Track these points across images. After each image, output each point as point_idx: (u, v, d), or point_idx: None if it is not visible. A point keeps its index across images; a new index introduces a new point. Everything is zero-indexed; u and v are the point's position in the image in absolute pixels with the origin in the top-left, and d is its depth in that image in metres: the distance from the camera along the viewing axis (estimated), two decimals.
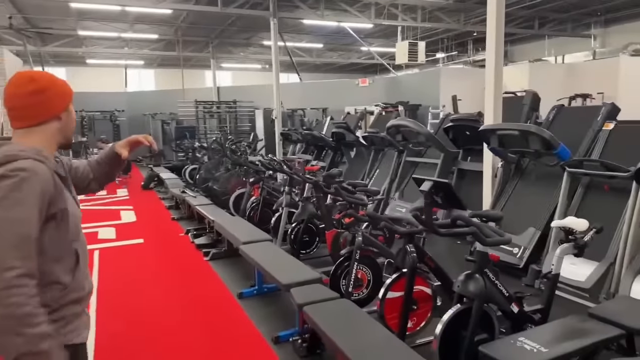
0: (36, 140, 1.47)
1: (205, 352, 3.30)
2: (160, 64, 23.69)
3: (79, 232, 1.55)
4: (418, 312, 3.15)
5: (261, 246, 4.33)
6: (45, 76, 1.51)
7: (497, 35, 5.27)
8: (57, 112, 1.51)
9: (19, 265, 1.26)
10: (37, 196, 1.34)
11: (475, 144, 6.05)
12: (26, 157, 1.38)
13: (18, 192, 1.31)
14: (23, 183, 1.32)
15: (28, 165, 1.36)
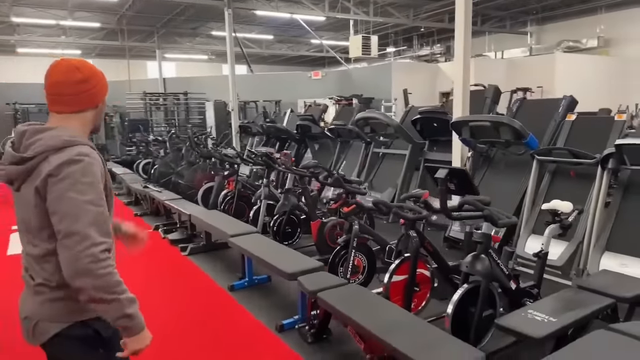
0: (75, 126, 1.53)
1: (212, 346, 3.29)
2: (98, 53, 22.52)
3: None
4: (419, 293, 3.33)
5: (251, 238, 4.34)
6: (87, 65, 1.57)
7: (465, 33, 5.56)
8: (97, 102, 1.59)
9: (102, 241, 1.38)
10: (100, 178, 1.45)
11: (442, 135, 6.36)
12: (82, 143, 1.47)
13: (88, 176, 1.41)
14: (89, 167, 1.42)
15: (87, 150, 1.46)
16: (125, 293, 1.40)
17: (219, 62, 26.00)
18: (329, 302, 2.83)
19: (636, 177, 3.98)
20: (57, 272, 1.41)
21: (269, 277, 4.47)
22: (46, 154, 1.41)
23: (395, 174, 6.87)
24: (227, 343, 3.33)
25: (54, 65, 1.54)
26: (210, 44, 20.79)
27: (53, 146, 1.42)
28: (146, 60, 24.04)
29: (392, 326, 2.48)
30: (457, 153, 5.70)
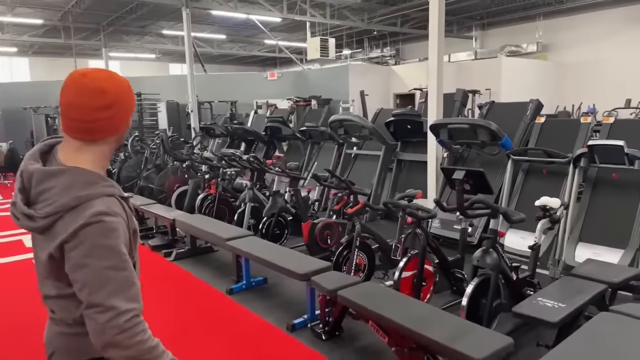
0: (91, 159, 1.31)
1: (229, 350, 3.32)
2: (36, 52, 21.25)
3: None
4: (425, 287, 3.53)
5: (248, 241, 4.38)
6: (114, 85, 1.31)
7: (439, 37, 5.85)
8: (120, 129, 1.36)
9: (128, 309, 1.24)
10: (123, 237, 1.29)
11: (415, 136, 6.66)
12: (99, 195, 1.26)
13: (108, 238, 1.24)
14: (109, 228, 1.24)
15: (105, 207, 1.26)
16: (163, 355, 1.29)
17: (166, 61, 25.31)
18: (351, 299, 2.96)
19: (604, 174, 4.41)
20: (73, 311, 1.31)
21: (265, 279, 4.53)
22: (60, 214, 1.24)
23: (369, 174, 7.08)
24: (244, 345, 3.37)
25: (74, 79, 1.30)
26: (159, 43, 20.20)
27: (66, 205, 1.24)
28: (88, 59, 22.97)
29: (419, 318, 2.64)
30: (432, 153, 5.99)
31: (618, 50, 14.21)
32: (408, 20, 16.38)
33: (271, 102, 15.68)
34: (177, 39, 19.33)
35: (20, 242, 6.20)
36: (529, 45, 16.41)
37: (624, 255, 4.01)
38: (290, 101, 13.96)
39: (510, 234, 4.76)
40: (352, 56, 21.52)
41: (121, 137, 1.39)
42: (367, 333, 3.40)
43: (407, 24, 16.46)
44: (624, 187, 4.29)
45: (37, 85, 18.34)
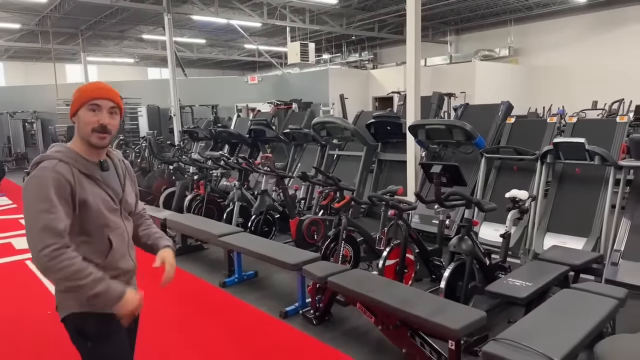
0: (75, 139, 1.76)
1: (227, 336, 3.55)
2: (11, 56, 21.00)
3: (112, 221, 1.76)
4: (406, 274, 3.82)
5: (239, 237, 4.61)
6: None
7: (416, 42, 6.19)
8: (71, 114, 1.75)
9: (52, 242, 1.56)
10: (54, 190, 1.60)
11: (394, 137, 6.99)
12: (52, 157, 1.66)
13: (39, 187, 1.60)
14: (43, 181, 1.60)
15: (49, 165, 1.63)
16: (88, 277, 1.58)
17: (144, 65, 25.27)
18: (340, 284, 3.23)
19: (568, 170, 4.80)
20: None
21: (256, 273, 4.77)
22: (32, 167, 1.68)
23: (351, 174, 7.37)
24: (241, 332, 3.60)
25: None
26: (138, 47, 20.22)
27: (34, 161, 1.69)
28: (66, 64, 22.78)
29: (402, 298, 2.93)
30: (411, 153, 6.32)
31: (585, 54, 14.91)
32: (385, 26, 16.84)
33: (251, 105, 15.91)
34: (157, 43, 19.39)
35: (10, 244, 6.28)
36: (502, 49, 17.04)
37: (587, 242, 4.39)
38: (272, 105, 14.21)
39: (484, 227, 5.11)
40: (331, 60, 21.88)
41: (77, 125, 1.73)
42: (354, 318, 3.68)
43: (385, 29, 16.92)
44: (586, 181, 4.67)
45: (14, 90, 18.14)
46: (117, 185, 1.82)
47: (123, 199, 1.82)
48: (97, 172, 1.74)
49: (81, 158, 1.71)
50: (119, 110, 1.78)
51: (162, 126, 14.78)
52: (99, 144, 1.73)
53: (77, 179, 1.66)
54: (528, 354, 2.13)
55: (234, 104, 15.91)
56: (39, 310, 3.98)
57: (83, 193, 1.66)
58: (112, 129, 1.75)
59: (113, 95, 1.75)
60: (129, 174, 1.94)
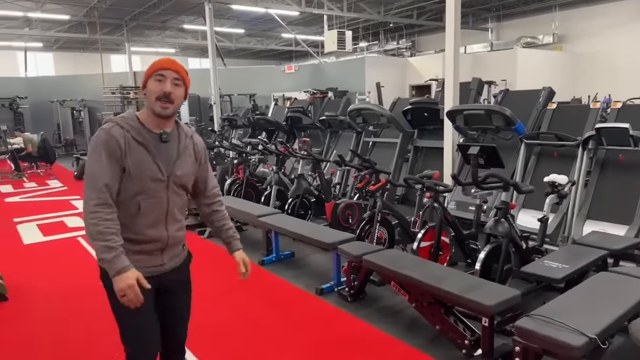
0: (144, 108, 1.90)
1: (265, 309, 3.71)
2: (60, 47, 21.92)
3: (151, 189, 1.84)
4: (441, 257, 3.87)
5: (277, 218, 4.76)
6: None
7: (456, 26, 6.11)
8: (142, 85, 1.91)
9: (95, 197, 1.73)
10: (104, 150, 1.77)
11: (431, 124, 6.97)
12: (112, 121, 1.84)
13: (94, 146, 1.79)
14: (98, 140, 1.79)
15: (107, 127, 1.81)
16: (103, 241, 1.70)
17: (185, 55, 25.83)
18: (375, 262, 3.32)
19: (611, 156, 4.68)
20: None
21: (293, 253, 4.91)
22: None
23: (386, 160, 7.39)
24: (279, 307, 3.76)
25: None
26: (179, 38, 20.69)
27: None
28: (110, 54, 23.59)
29: (437, 276, 2.99)
30: (448, 139, 6.29)
31: (633, 41, 14.25)
32: (424, 13, 16.58)
33: (287, 95, 16.08)
34: (197, 33, 19.79)
35: (63, 223, 6.68)
36: (545, 36, 16.49)
37: (629, 230, 4.29)
38: (308, 93, 14.32)
39: (522, 213, 5.06)
40: (368, 49, 21.73)
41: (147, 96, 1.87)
42: (387, 297, 3.77)
43: (423, 16, 16.66)
44: (629, 167, 4.55)
45: (63, 79, 18.98)
46: (171, 158, 1.88)
47: (172, 173, 1.88)
48: (152, 141, 1.84)
49: (140, 126, 1.84)
50: (184, 82, 1.88)
51: (202, 114, 15.15)
52: (162, 113, 1.83)
53: (129, 143, 1.78)
54: (561, 330, 2.16)
55: (270, 93, 16.12)
56: (90, 283, 4.26)
57: (130, 157, 1.78)
58: (176, 99, 1.85)
59: (177, 67, 1.87)
60: (194, 152, 1.99)
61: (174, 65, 1.87)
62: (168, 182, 1.88)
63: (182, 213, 2.00)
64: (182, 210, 2.00)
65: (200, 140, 2.05)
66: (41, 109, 17.47)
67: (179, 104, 1.89)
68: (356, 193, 5.09)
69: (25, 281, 4.42)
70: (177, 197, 1.94)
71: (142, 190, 1.83)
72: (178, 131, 1.96)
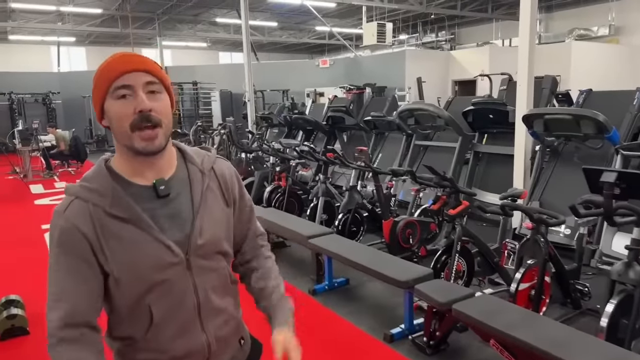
0: (116, 150, 1.17)
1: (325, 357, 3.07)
2: (92, 41, 21.81)
3: (161, 282, 1.13)
4: (542, 301, 3.15)
5: (331, 240, 4.12)
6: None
7: (531, 18, 5.33)
8: (97, 112, 1.13)
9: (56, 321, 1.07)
10: (62, 252, 1.08)
11: (496, 127, 6.19)
12: (69, 192, 1.12)
13: (50, 242, 1.11)
14: (51, 232, 1.10)
15: (60, 206, 1.11)
16: None
17: (216, 49, 25.44)
18: (469, 314, 2.63)
19: None
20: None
21: (348, 280, 4.26)
22: None
23: (441, 166, 6.61)
24: (342, 354, 3.12)
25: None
26: (211, 31, 20.24)
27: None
28: (142, 48, 23.38)
29: (555, 340, 2.29)
30: (520, 145, 5.50)
31: None
32: (468, 3, 15.60)
33: (320, 90, 15.40)
34: (229, 27, 19.30)
35: None
36: (600, 28, 15.30)
37: None
38: (344, 89, 13.61)
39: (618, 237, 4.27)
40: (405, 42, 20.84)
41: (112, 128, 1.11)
42: (475, 347, 3.08)
43: (468, 7, 15.67)
44: None
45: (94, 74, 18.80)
46: (183, 220, 1.16)
47: (192, 242, 1.15)
48: (143, 204, 1.11)
49: (116, 185, 1.11)
50: (163, 84, 1.12)
51: (234, 112, 14.66)
52: (147, 149, 1.08)
53: (102, 227, 1.08)
54: None
55: (304, 89, 15.50)
56: None
57: (111, 251, 1.08)
58: (163, 117, 1.09)
59: (146, 64, 1.10)
60: (221, 192, 1.24)
61: (140, 62, 1.10)
62: (188, 261, 1.16)
63: (226, 292, 1.26)
64: (225, 289, 1.26)
65: (227, 166, 1.30)
66: (73, 104, 17.34)
67: (169, 122, 1.13)
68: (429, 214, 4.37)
69: None
70: (210, 274, 1.21)
71: (149, 288, 1.12)
72: (187, 167, 1.21)
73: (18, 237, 6.04)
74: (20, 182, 10.08)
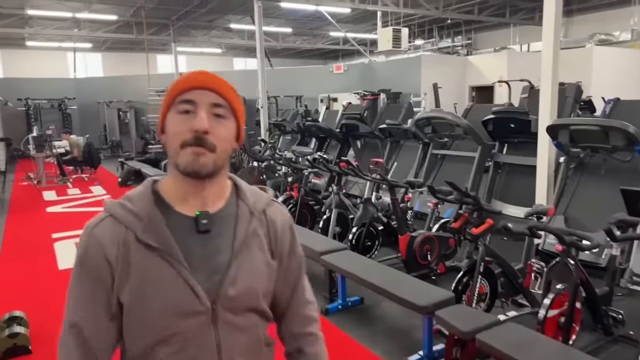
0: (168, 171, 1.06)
1: None
2: (109, 47, 21.97)
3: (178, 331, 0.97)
4: (573, 329, 2.92)
5: (344, 257, 3.93)
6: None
7: (556, 24, 5.11)
8: (159, 127, 1.05)
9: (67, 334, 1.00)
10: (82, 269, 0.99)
11: (517, 137, 5.96)
12: (107, 208, 1.02)
13: (76, 256, 1.01)
14: (79, 246, 1.00)
15: (94, 220, 1.01)
16: None
17: (231, 55, 25.47)
18: (496, 347, 2.42)
19: None
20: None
21: (362, 299, 4.06)
22: None
23: (459, 177, 6.41)
24: None
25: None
26: (225, 37, 20.24)
27: None
28: (157, 54, 23.51)
29: None
30: (543, 156, 5.25)
31: None
32: (486, 8, 15.31)
33: (332, 96, 15.23)
34: (243, 32, 19.28)
35: None
36: (622, 32, 14.88)
37: None
38: (357, 95, 13.43)
39: None
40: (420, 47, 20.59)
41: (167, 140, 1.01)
42: None
43: (485, 12, 15.39)
44: None
45: (110, 80, 18.91)
46: (218, 262, 1.00)
47: (222, 290, 0.99)
48: (179, 236, 0.98)
49: (156, 210, 0.99)
50: (232, 110, 1.01)
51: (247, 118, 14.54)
52: (194, 168, 0.96)
53: (127, 251, 0.96)
54: None
55: (317, 95, 15.35)
56: None
57: (130, 281, 0.96)
58: (219, 143, 0.98)
59: (217, 84, 1.00)
60: (268, 241, 1.08)
61: (210, 81, 1.00)
62: (214, 313, 0.99)
63: (257, 358, 1.07)
64: (256, 354, 1.06)
65: (282, 213, 1.14)
66: (88, 109, 17.45)
67: (226, 151, 1.01)
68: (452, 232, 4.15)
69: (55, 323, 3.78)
70: (239, 333, 1.02)
71: (164, 339, 0.96)
72: (237, 204, 1.06)
73: (27, 247, 5.95)
74: (34, 188, 10.07)
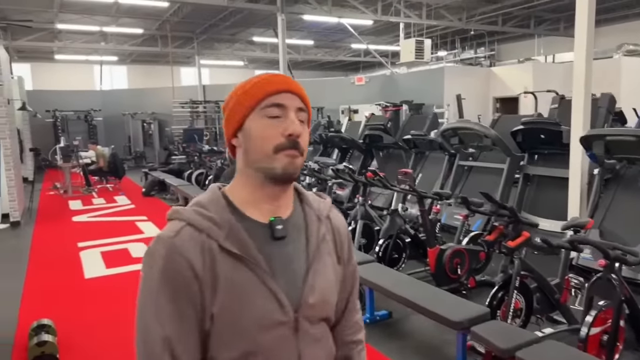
0: (237, 179, 1.01)
1: None
2: (134, 60, 22.44)
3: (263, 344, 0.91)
4: (616, 348, 2.78)
5: (370, 269, 3.85)
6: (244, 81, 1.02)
7: (588, 34, 4.99)
8: (231, 129, 0.99)
9: None
10: (165, 285, 0.88)
11: (547, 148, 5.81)
12: (178, 215, 0.94)
13: (146, 273, 0.90)
14: (152, 261, 0.90)
15: (168, 231, 0.91)
16: None
17: (253, 68, 25.75)
18: None
19: None
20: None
21: (390, 313, 3.97)
22: None
23: (486, 189, 6.22)
24: None
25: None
26: (248, 50, 20.48)
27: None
28: (181, 67, 23.90)
29: None
30: (575, 168, 5.10)
31: None
32: (510, 19, 15.17)
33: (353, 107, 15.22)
34: (266, 45, 19.48)
35: (126, 251, 6.14)
36: None
37: None
38: (380, 107, 13.38)
39: None
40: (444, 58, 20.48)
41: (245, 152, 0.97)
42: None
43: (509, 23, 15.24)
44: None
45: (135, 92, 19.27)
46: (294, 270, 0.96)
47: (303, 299, 0.94)
48: (259, 243, 0.92)
49: (232, 216, 0.93)
50: (308, 116, 1.01)
51: None
52: (288, 169, 0.93)
53: (212, 262, 0.89)
54: None
55: (338, 106, 15.37)
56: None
57: (220, 292, 0.89)
58: (305, 147, 0.97)
59: (300, 90, 0.98)
60: (334, 245, 1.05)
61: (295, 85, 0.99)
62: (297, 323, 0.94)
63: None
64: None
65: (341, 217, 1.11)
66: (114, 121, 17.78)
67: (305, 156, 1.00)
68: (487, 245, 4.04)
69: (82, 331, 3.79)
70: (315, 344, 0.97)
71: (251, 349, 0.90)
72: (304, 210, 1.02)
73: (54, 256, 6.02)
74: (60, 197, 10.26)
